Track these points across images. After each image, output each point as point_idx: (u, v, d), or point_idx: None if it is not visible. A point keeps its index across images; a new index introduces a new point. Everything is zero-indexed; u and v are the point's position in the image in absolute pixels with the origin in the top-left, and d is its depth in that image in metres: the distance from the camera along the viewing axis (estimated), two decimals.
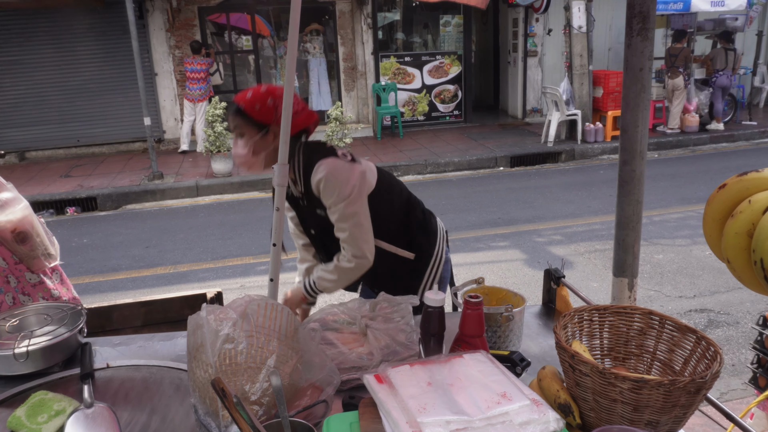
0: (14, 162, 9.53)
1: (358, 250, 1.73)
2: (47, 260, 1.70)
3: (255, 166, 1.78)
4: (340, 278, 1.79)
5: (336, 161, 1.71)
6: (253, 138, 1.72)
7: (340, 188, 1.68)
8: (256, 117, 1.71)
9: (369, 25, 10.04)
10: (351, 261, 1.74)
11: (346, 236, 1.72)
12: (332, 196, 1.69)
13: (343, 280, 1.80)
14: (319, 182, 1.69)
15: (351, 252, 1.74)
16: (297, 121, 1.71)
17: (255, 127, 1.72)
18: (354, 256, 1.74)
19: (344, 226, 1.71)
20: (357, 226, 1.72)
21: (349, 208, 1.69)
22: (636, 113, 1.74)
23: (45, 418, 1.18)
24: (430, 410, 0.97)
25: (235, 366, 1.09)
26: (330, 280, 1.80)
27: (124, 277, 4.94)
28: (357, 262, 1.74)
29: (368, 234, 1.74)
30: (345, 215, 1.70)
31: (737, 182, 1.19)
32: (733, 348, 3.47)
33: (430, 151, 8.87)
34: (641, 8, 1.68)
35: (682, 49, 8.99)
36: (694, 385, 0.95)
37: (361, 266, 1.75)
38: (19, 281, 1.68)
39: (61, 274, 1.84)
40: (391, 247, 1.85)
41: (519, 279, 4.53)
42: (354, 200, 1.70)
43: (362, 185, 1.73)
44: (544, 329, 1.59)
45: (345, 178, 1.69)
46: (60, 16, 9.19)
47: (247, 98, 1.72)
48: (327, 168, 1.68)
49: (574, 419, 1.05)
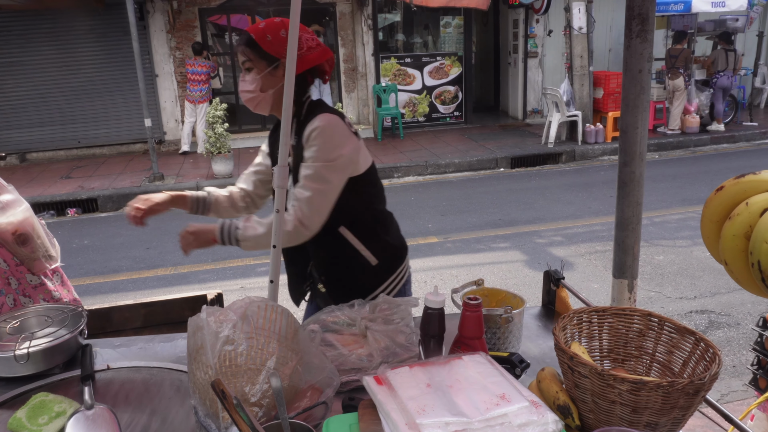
0: (15, 163, 9.55)
1: (308, 217, 1.58)
2: (48, 262, 1.70)
3: (261, 104, 1.67)
4: (268, 235, 1.59)
5: (339, 121, 1.61)
6: (262, 72, 1.62)
7: (329, 147, 1.57)
8: (267, 49, 1.60)
9: (369, 26, 10.05)
10: (293, 223, 1.58)
11: (306, 197, 1.58)
12: (317, 151, 1.57)
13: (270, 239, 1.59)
14: (313, 131, 1.58)
15: (300, 214, 1.58)
16: (310, 57, 1.61)
17: (265, 60, 1.61)
18: (299, 221, 1.58)
19: (310, 186, 1.58)
20: (322, 194, 1.59)
21: (325, 172, 1.58)
22: (635, 115, 1.74)
23: (45, 419, 1.19)
24: (429, 412, 0.98)
25: (235, 368, 1.09)
26: (258, 233, 1.60)
27: (125, 278, 4.94)
28: (298, 228, 1.59)
29: (327, 209, 1.61)
30: (318, 176, 1.57)
31: (734, 185, 1.19)
32: (734, 349, 3.47)
33: (431, 152, 8.87)
34: (640, 10, 1.68)
35: (682, 50, 8.99)
36: (693, 386, 0.95)
37: (299, 235, 1.60)
38: (20, 283, 1.68)
39: (62, 275, 1.84)
40: (358, 243, 1.72)
41: (519, 280, 4.53)
42: (335, 168, 1.58)
43: (351, 159, 1.62)
44: (544, 331, 1.60)
45: (339, 141, 1.59)
46: (61, 18, 9.21)
47: (260, 28, 1.61)
48: (327, 121, 1.58)
49: (573, 421, 1.05)
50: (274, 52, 1.60)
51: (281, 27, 1.61)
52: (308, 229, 1.60)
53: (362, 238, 1.72)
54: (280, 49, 1.59)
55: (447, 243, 5.45)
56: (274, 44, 1.60)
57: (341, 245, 1.71)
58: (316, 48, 1.64)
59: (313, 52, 1.63)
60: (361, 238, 1.72)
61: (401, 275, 1.83)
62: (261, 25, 1.61)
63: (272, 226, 1.57)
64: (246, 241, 1.62)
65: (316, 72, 1.71)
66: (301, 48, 1.60)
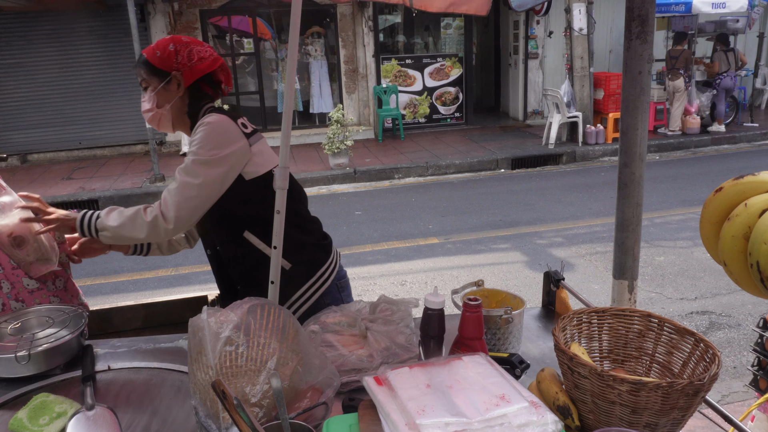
0: (16, 164, 9.56)
1: (169, 210, 1.52)
2: (45, 265, 1.67)
3: (162, 121, 1.66)
4: (127, 225, 1.53)
5: (227, 122, 1.57)
6: (156, 88, 1.63)
7: (207, 143, 1.52)
8: (157, 64, 1.61)
9: (370, 27, 10.06)
10: (153, 215, 1.52)
11: (172, 189, 1.53)
12: (194, 145, 1.53)
13: (129, 229, 1.53)
14: (198, 126, 1.56)
15: (162, 206, 1.52)
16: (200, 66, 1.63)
17: (156, 75, 1.63)
18: (161, 212, 1.52)
19: (179, 178, 1.53)
20: (189, 188, 1.52)
21: (197, 167, 1.52)
22: (635, 116, 1.75)
23: (46, 420, 1.19)
24: (429, 412, 0.98)
25: (235, 368, 1.10)
26: (118, 223, 1.53)
27: (126, 279, 4.95)
28: (157, 220, 1.52)
29: (194, 206, 1.53)
30: (189, 169, 1.53)
31: (733, 185, 1.19)
32: (735, 350, 3.47)
33: (431, 153, 8.88)
34: (640, 11, 1.68)
35: (682, 51, 9.00)
36: (693, 387, 0.95)
37: (158, 229, 1.52)
38: (14, 287, 1.64)
39: (67, 280, 1.80)
40: (265, 246, 1.65)
41: (519, 281, 4.53)
42: (208, 164, 1.52)
43: (230, 160, 1.55)
44: (544, 331, 1.60)
45: (220, 140, 1.53)
46: (62, 19, 9.23)
47: (151, 47, 1.65)
48: (213, 120, 1.55)
49: (572, 421, 1.05)
50: (164, 66, 1.62)
51: (169, 42, 1.64)
52: (169, 223, 1.52)
53: (269, 242, 1.63)
54: (170, 63, 1.62)
55: (447, 244, 5.45)
56: (164, 59, 1.62)
57: (249, 251, 1.66)
58: (207, 58, 1.66)
59: (204, 61, 1.65)
60: (268, 241, 1.63)
61: (322, 279, 1.76)
62: (152, 45, 1.65)
63: (135, 220, 1.53)
64: (104, 230, 1.55)
65: (211, 81, 1.70)
66: (192, 59, 1.63)
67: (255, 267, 1.68)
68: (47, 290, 1.72)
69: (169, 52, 1.62)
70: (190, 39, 1.68)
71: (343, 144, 7.98)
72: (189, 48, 1.64)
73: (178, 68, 1.62)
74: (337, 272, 1.83)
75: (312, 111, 10.58)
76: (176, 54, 1.62)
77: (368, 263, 5.06)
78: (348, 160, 8.24)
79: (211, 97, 1.72)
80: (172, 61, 1.62)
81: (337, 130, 7.96)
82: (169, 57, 1.62)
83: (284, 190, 1.58)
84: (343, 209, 6.86)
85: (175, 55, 1.62)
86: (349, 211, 6.74)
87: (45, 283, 1.72)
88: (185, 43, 1.65)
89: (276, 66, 10.55)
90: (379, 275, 4.79)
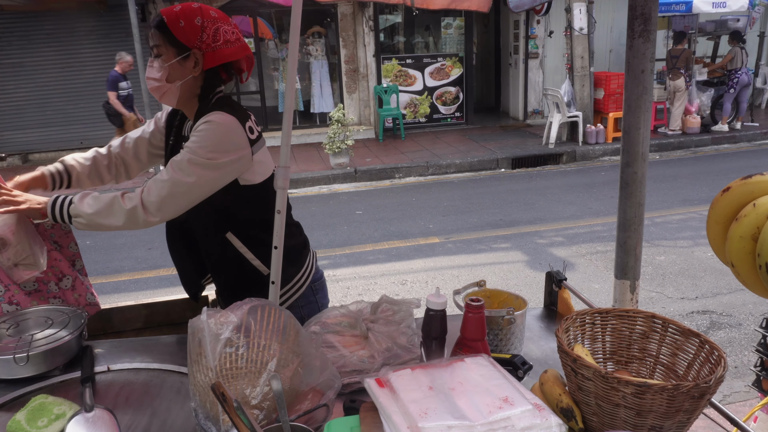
0: (17, 164, 9.56)
1: (153, 203, 1.43)
2: (27, 270, 1.55)
3: (167, 95, 1.52)
4: (103, 211, 1.43)
5: (236, 125, 1.46)
6: (170, 60, 1.47)
7: (208, 143, 1.42)
8: (178, 35, 1.44)
9: (371, 27, 10.05)
10: (133, 204, 1.43)
11: (161, 181, 1.44)
12: (195, 142, 1.43)
13: (105, 216, 1.43)
14: (203, 122, 1.44)
15: (146, 196, 1.43)
16: (226, 51, 1.48)
17: (175, 47, 1.46)
18: (143, 202, 1.43)
19: (171, 173, 1.43)
20: (178, 186, 1.43)
21: (192, 166, 1.42)
22: (638, 115, 1.74)
23: (45, 422, 1.18)
24: (431, 415, 0.97)
25: (235, 370, 1.09)
26: (93, 210, 1.43)
27: (127, 278, 4.94)
28: (137, 210, 1.42)
29: (179, 203, 1.46)
30: (183, 166, 1.42)
31: (741, 185, 1.18)
32: (736, 350, 3.45)
33: (432, 152, 8.87)
34: (643, 10, 1.67)
35: (683, 50, 8.98)
36: (698, 389, 0.94)
37: (137, 217, 1.43)
38: (8, 289, 1.59)
39: (75, 279, 1.73)
40: (246, 250, 1.61)
41: (520, 281, 4.52)
42: (204, 166, 1.43)
43: (228, 167, 1.47)
44: (546, 332, 1.59)
45: (224, 144, 1.44)
46: (63, 19, 9.22)
47: (174, 11, 1.45)
48: (222, 120, 1.44)
49: (576, 424, 1.04)
50: (185, 40, 1.45)
51: (197, 14, 1.46)
52: (150, 215, 1.44)
53: (251, 246, 1.60)
54: (193, 38, 1.45)
55: (448, 243, 5.45)
56: (187, 32, 1.45)
57: (229, 252, 1.60)
58: (234, 42, 1.51)
59: (230, 46, 1.49)
60: (250, 246, 1.60)
61: (298, 285, 1.71)
62: (176, 8, 1.46)
63: (112, 206, 1.43)
64: (78, 217, 1.45)
65: (232, 69, 1.59)
66: (217, 40, 1.47)
67: (233, 269, 1.64)
68: (47, 292, 1.68)
69: (195, 27, 1.45)
70: (219, 14, 1.50)
71: (343, 144, 7.97)
72: (216, 26, 1.48)
73: (200, 47, 1.46)
74: (312, 275, 1.78)
75: (313, 111, 10.58)
76: (202, 30, 1.45)
77: (369, 263, 5.05)
78: (349, 160, 8.23)
79: (225, 81, 1.58)
80: (196, 37, 1.45)
81: (337, 129, 7.95)
82: (194, 31, 1.45)
83: (285, 190, 1.56)
84: (344, 209, 6.85)
85: (200, 32, 1.45)
86: (350, 211, 6.73)
87: (47, 284, 1.68)
88: (213, 18, 1.47)
89: (277, 66, 10.54)
90: (379, 275, 4.78)
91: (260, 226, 1.59)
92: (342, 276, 4.78)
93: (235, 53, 1.51)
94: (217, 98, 1.54)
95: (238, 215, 1.59)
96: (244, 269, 1.63)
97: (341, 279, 4.72)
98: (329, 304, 1.84)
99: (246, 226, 1.60)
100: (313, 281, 1.78)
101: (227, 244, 1.61)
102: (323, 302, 1.82)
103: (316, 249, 1.97)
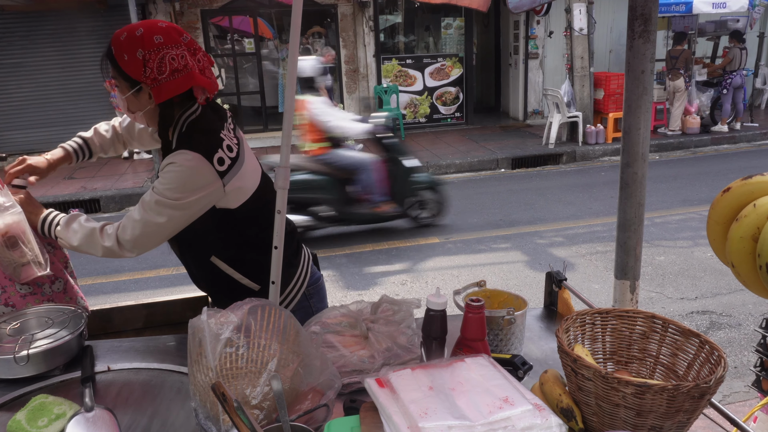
0: None
1: (128, 242, 1.46)
2: (37, 269, 1.59)
3: (142, 122, 1.54)
4: (84, 244, 1.49)
5: (203, 166, 1.42)
6: (125, 93, 1.45)
7: (174, 186, 1.41)
8: (126, 69, 1.40)
9: (371, 27, 10.05)
10: (111, 241, 1.47)
11: (134, 221, 1.45)
12: (162, 184, 1.42)
13: (86, 247, 1.50)
14: (169, 164, 1.42)
15: (122, 235, 1.46)
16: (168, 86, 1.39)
17: (126, 81, 1.42)
18: (118, 242, 1.47)
19: (143, 213, 1.44)
20: (150, 226, 1.44)
21: (161, 208, 1.42)
22: (638, 116, 1.74)
23: (45, 421, 1.18)
24: (431, 415, 0.97)
25: (235, 370, 1.09)
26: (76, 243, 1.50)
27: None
28: (114, 249, 1.47)
29: (154, 241, 1.49)
30: (152, 208, 1.43)
31: (741, 186, 1.18)
32: (735, 350, 3.46)
33: (432, 153, 8.87)
34: (643, 10, 1.67)
35: (682, 51, 8.99)
36: (698, 390, 0.94)
37: (113, 254, 1.49)
38: (5, 291, 1.61)
39: (67, 282, 1.74)
40: (233, 271, 1.62)
41: (520, 281, 4.52)
42: (173, 207, 1.43)
43: (204, 204, 1.47)
44: (546, 332, 1.59)
45: (193, 186, 1.41)
46: (63, 19, 9.22)
47: (120, 41, 1.39)
48: (187, 163, 1.40)
49: (576, 424, 1.04)
50: (132, 74, 1.40)
51: (138, 45, 1.37)
52: (126, 252, 1.49)
53: (237, 266, 1.61)
54: (138, 73, 1.39)
55: (448, 243, 5.45)
56: (131, 66, 1.38)
57: (217, 274, 1.62)
58: (182, 71, 1.40)
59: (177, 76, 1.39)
60: (236, 266, 1.61)
61: (291, 296, 1.72)
62: (122, 36, 1.39)
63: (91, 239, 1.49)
64: (62, 239, 1.55)
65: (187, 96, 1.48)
66: (162, 72, 1.38)
67: (225, 290, 1.66)
68: (41, 295, 1.68)
69: (137, 61, 1.37)
70: (165, 36, 1.39)
71: None
72: (161, 55, 1.37)
73: (146, 82, 1.39)
74: (307, 280, 1.77)
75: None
76: (144, 64, 1.37)
77: (369, 263, 5.05)
78: None
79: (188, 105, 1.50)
80: (140, 72, 1.38)
81: None
82: (137, 66, 1.38)
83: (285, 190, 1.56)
84: None
85: (143, 66, 1.37)
86: None
87: (41, 286, 1.69)
88: (157, 46, 1.37)
89: (277, 66, 10.54)
90: (379, 275, 4.78)
91: (243, 246, 1.61)
92: (342, 276, 4.78)
93: (183, 84, 1.41)
94: (188, 123, 1.49)
95: (219, 239, 1.59)
96: (234, 288, 1.64)
97: (341, 279, 4.72)
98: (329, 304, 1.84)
99: (228, 247, 1.61)
100: (308, 286, 1.78)
101: (213, 268, 1.63)
102: (318, 306, 1.81)
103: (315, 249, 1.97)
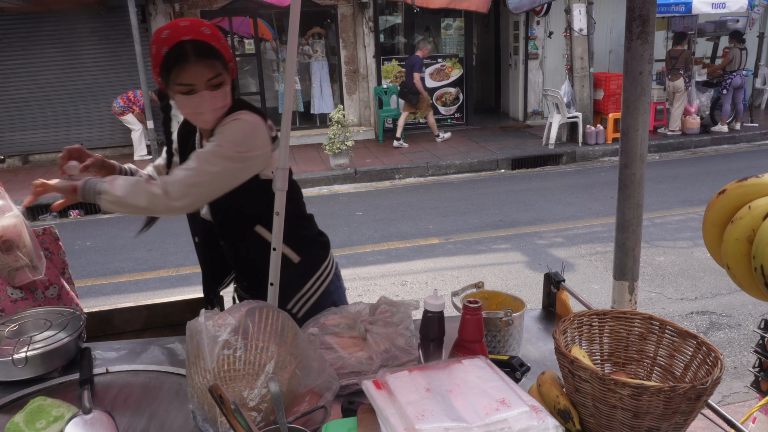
0: (18, 165, 9.56)
1: (176, 191, 1.43)
2: (31, 273, 1.59)
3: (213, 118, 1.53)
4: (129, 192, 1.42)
5: (263, 127, 1.53)
6: (227, 83, 1.50)
7: (236, 137, 1.46)
8: (225, 54, 1.47)
9: (371, 28, 10.05)
10: (161, 190, 1.42)
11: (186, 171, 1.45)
12: (222, 134, 1.46)
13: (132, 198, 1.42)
14: (232, 118, 1.48)
15: (171, 185, 1.43)
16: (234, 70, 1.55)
17: (226, 69, 1.49)
18: (165, 191, 1.42)
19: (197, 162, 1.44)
20: (201, 175, 1.44)
21: (217, 157, 1.44)
22: (636, 116, 1.74)
23: (43, 424, 1.18)
24: (428, 417, 0.97)
25: (233, 372, 1.09)
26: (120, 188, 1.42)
27: (127, 279, 4.94)
28: (162, 197, 1.42)
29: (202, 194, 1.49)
30: (207, 158, 1.44)
31: (737, 188, 1.18)
32: (735, 351, 3.46)
33: (432, 153, 8.87)
34: (641, 11, 1.67)
35: (682, 51, 8.98)
36: (695, 391, 0.94)
37: (159, 205, 1.43)
38: None
39: (62, 287, 1.74)
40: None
41: (520, 281, 4.52)
42: (229, 158, 1.46)
43: (255, 164, 1.53)
44: (544, 334, 1.59)
45: (252, 143, 1.49)
46: (63, 20, 9.23)
47: (203, 33, 1.43)
48: (251, 120, 1.49)
49: (573, 425, 1.05)
50: (228, 55, 1.50)
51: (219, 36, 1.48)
52: (172, 201, 1.43)
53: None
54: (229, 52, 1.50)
55: (448, 244, 5.45)
56: (226, 46, 1.49)
57: (260, 244, 1.63)
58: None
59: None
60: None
61: (327, 271, 1.79)
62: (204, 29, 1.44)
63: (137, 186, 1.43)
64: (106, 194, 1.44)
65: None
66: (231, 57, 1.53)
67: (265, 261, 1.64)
68: (33, 300, 1.67)
69: (224, 39, 1.48)
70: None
71: (343, 144, 7.97)
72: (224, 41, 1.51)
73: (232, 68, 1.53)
74: (335, 269, 1.86)
75: (313, 111, 10.58)
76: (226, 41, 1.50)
77: (369, 263, 5.06)
78: (349, 161, 8.23)
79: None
80: (230, 49, 1.50)
81: (337, 130, 7.96)
82: (226, 44, 1.50)
83: (283, 192, 1.57)
84: (344, 209, 6.85)
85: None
86: (350, 212, 6.73)
87: (34, 291, 1.67)
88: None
89: (277, 67, 10.54)
90: (379, 275, 4.78)
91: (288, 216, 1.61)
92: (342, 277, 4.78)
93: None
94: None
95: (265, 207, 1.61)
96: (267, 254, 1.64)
97: None
98: None
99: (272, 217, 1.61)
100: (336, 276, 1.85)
101: (257, 237, 1.65)
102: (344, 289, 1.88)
103: None
